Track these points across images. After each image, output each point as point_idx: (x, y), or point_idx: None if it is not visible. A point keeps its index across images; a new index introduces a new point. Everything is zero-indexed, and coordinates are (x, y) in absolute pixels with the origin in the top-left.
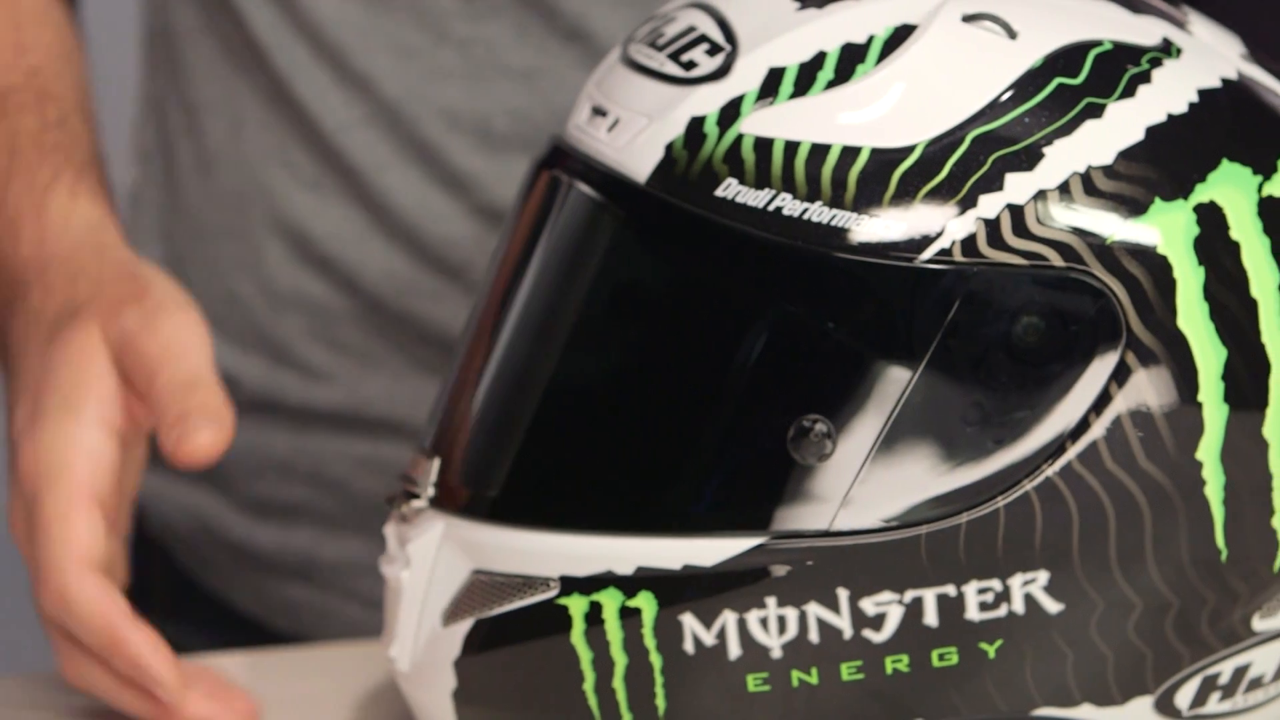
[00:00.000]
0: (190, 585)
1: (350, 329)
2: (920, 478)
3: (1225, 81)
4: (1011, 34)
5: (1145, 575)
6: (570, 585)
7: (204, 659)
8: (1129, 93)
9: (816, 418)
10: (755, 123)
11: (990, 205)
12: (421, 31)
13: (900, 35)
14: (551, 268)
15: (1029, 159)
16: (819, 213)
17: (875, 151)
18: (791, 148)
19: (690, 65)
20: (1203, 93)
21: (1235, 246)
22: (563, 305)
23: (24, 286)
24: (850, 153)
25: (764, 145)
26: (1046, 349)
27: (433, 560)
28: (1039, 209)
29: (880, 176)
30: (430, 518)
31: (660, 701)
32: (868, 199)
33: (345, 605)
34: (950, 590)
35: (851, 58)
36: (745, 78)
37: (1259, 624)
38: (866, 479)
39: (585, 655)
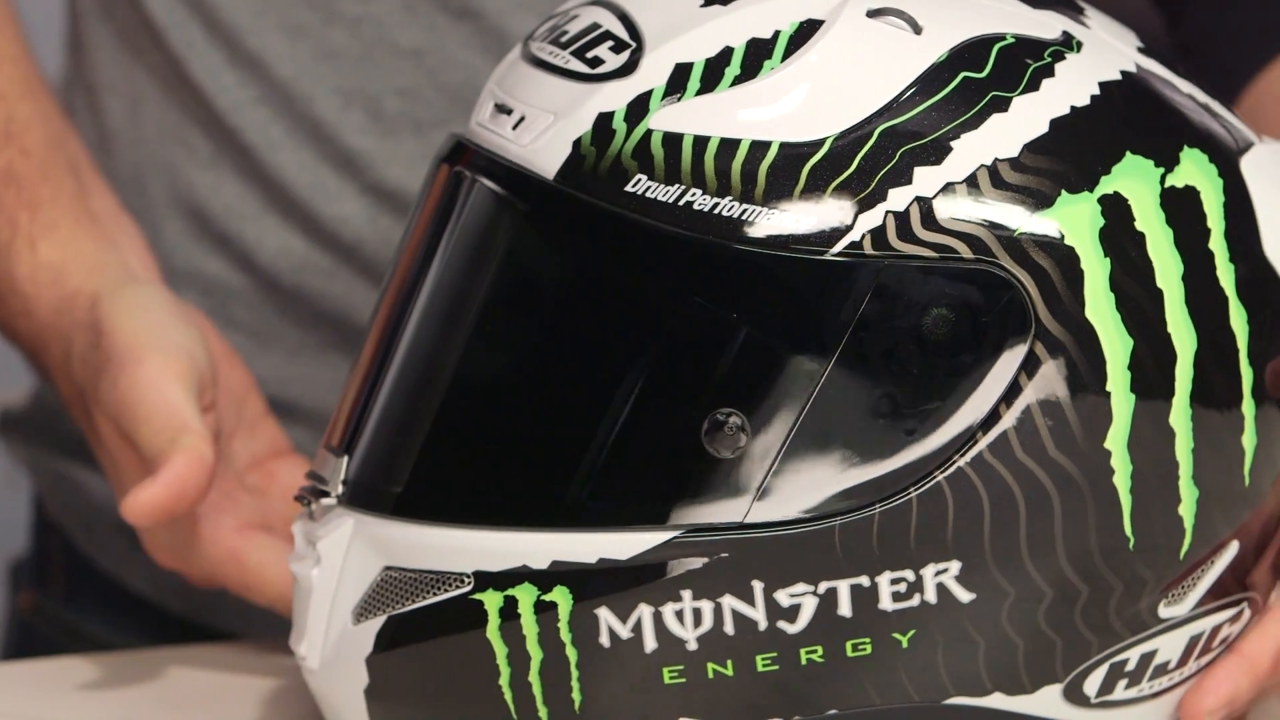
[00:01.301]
0: (87, 568)
1: (245, 307)
2: (834, 470)
3: (1124, 74)
4: (916, 29)
5: (1055, 564)
6: (484, 580)
7: (112, 656)
8: (1033, 86)
9: (730, 411)
10: (664, 119)
11: (899, 199)
12: (312, 10)
13: (806, 30)
14: (457, 263)
15: (936, 152)
16: (729, 207)
17: (784, 146)
18: (700, 143)
19: (596, 62)
20: (1103, 85)
21: (1140, 237)
22: (471, 300)
23: (39, 355)
24: (759, 147)
25: (673, 141)
26: (957, 341)
27: (343, 557)
28: (947, 202)
29: (790, 171)
30: (340, 515)
31: (576, 695)
32: (778, 193)
33: None
34: (864, 581)
35: (758, 53)
36: (652, 74)
37: (1165, 611)
38: (780, 471)
39: (500, 650)
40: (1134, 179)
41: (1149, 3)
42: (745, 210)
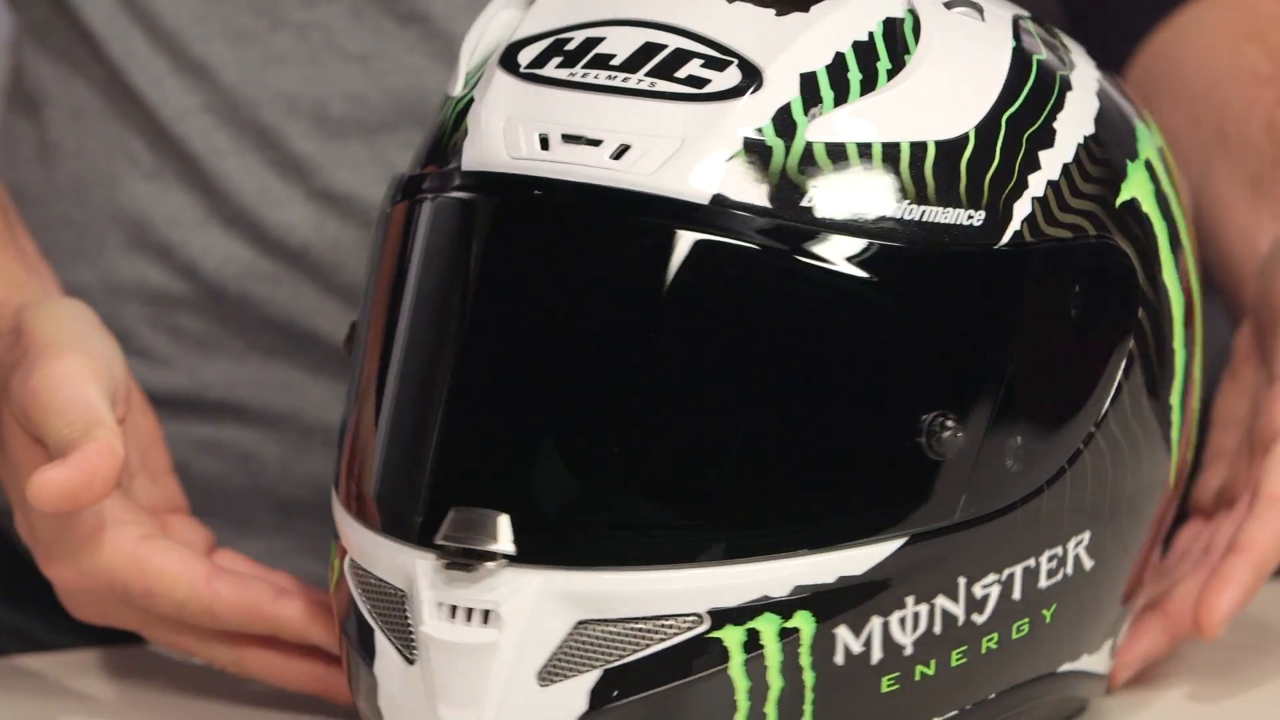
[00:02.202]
0: (30, 571)
1: (190, 315)
2: (1017, 457)
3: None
4: (982, 16)
5: (1139, 520)
6: (721, 617)
7: (54, 656)
8: (1071, 64)
9: (941, 412)
10: (818, 130)
11: (1037, 184)
12: (257, 17)
13: (891, 28)
14: (603, 295)
15: (1048, 136)
16: (908, 210)
17: (940, 144)
18: (865, 150)
19: (699, 81)
20: (1093, 57)
21: (1168, 199)
22: (649, 335)
23: None
24: (919, 148)
25: (837, 150)
26: (1094, 315)
27: (529, 618)
28: (1069, 183)
29: (951, 167)
30: (518, 573)
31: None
32: (946, 190)
33: None
34: (1031, 562)
35: (868, 57)
36: (781, 87)
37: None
38: (982, 465)
39: (742, 685)
40: (1148, 143)
41: None
42: (924, 211)
